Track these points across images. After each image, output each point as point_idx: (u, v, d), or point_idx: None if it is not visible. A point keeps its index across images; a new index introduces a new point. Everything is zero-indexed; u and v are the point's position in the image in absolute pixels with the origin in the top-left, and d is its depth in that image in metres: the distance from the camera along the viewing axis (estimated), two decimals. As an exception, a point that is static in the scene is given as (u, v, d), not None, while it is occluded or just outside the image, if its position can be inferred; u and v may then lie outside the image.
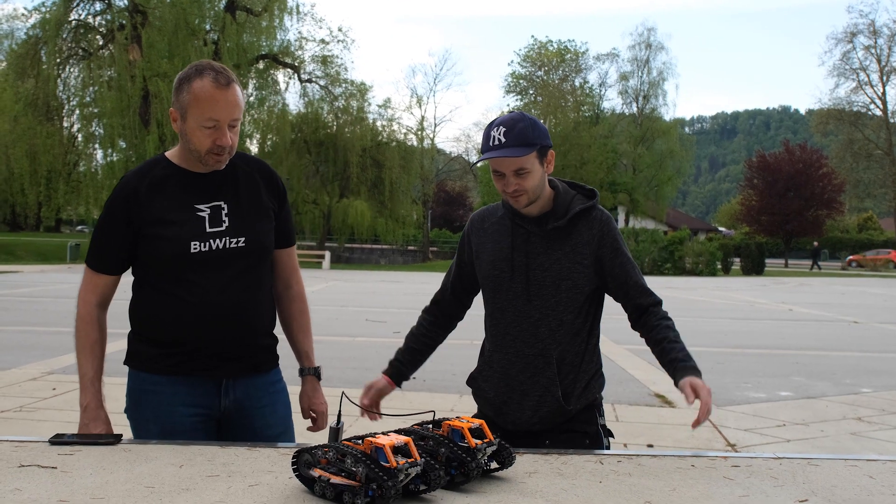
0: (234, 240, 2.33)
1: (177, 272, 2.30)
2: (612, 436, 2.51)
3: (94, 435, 2.17)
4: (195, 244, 2.29)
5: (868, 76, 56.20)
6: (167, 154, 2.42)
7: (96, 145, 37.04)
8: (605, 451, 2.20)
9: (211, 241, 2.31)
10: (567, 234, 2.42)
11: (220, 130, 2.25)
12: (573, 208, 2.43)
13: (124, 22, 35.40)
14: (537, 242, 2.42)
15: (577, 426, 2.43)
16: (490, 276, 2.48)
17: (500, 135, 2.31)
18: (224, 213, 2.35)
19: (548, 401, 2.40)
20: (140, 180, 2.34)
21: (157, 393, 2.34)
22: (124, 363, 2.41)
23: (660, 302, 2.46)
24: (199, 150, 2.28)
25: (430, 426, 1.89)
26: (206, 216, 2.32)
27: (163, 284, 2.32)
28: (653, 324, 2.41)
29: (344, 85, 44.01)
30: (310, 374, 2.60)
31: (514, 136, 2.30)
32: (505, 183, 2.35)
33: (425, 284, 24.85)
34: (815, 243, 50.41)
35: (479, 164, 3.01)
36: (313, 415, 2.60)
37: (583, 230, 2.42)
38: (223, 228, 2.33)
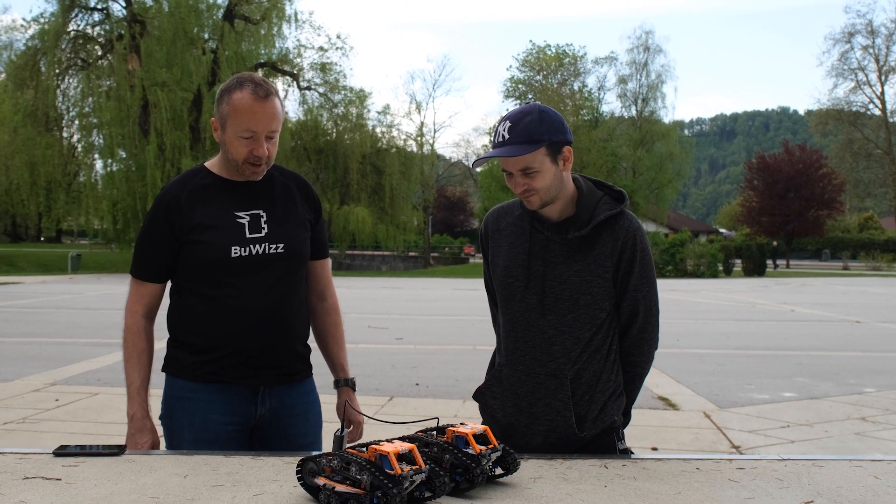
0: (274, 245, 2.38)
1: (217, 277, 2.34)
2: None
3: (98, 446, 2.17)
4: (236, 249, 2.33)
5: (866, 76, 56.26)
6: (206, 164, 2.47)
7: (96, 155, 37.09)
8: (610, 456, 2.18)
9: (251, 246, 2.35)
10: (590, 245, 2.20)
11: (256, 141, 2.30)
12: (598, 215, 2.19)
13: (123, 32, 35.43)
14: (556, 251, 2.21)
15: (595, 455, 2.21)
16: (503, 283, 2.28)
17: (504, 130, 2.12)
18: (263, 220, 2.39)
19: (559, 426, 2.20)
20: (181, 189, 2.39)
21: (192, 400, 2.36)
22: (162, 370, 2.44)
23: (651, 345, 2.31)
24: (237, 159, 2.33)
25: (435, 433, 1.89)
26: (246, 223, 2.37)
27: (203, 289, 2.35)
28: (626, 359, 2.30)
29: (343, 92, 44.14)
30: (346, 385, 2.60)
31: (519, 131, 2.10)
32: (514, 182, 2.17)
33: (427, 290, 24.83)
34: (774, 243, 50.43)
35: (481, 163, 2.65)
36: (351, 426, 2.60)
37: (606, 240, 2.20)
38: (262, 235, 2.37)
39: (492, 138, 2.20)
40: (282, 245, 2.38)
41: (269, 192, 2.44)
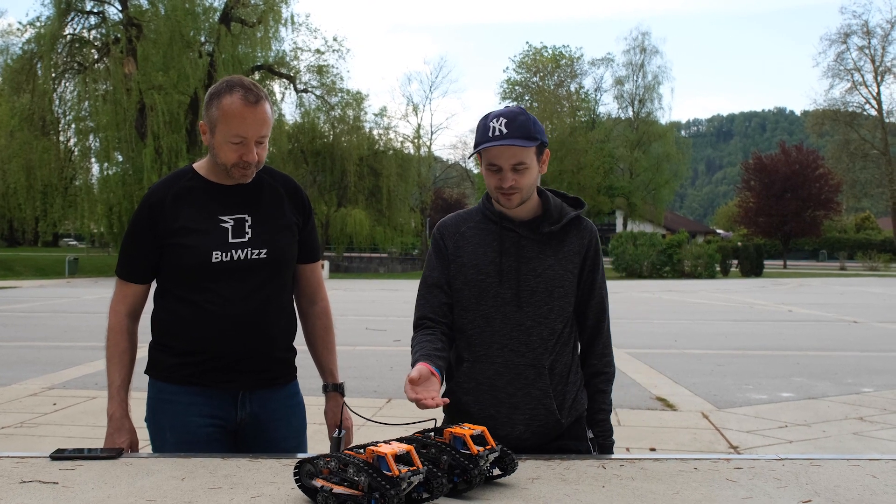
0: (256, 251, 2.36)
1: (198, 281, 2.33)
2: (597, 450, 2.39)
3: (95, 449, 2.16)
4: (217, 254, 2.32)
5: (862, 76, 56.27)
6: (194, 166, 2.45)
7: (93, 159, 36.99)
8: (608, 456, 2.18)
9: (233, 251, 2.34)
10: (560, 241, 2.35)
11: (246, 146, 2.29)
12: (566, 214, 2.37)
13: (119, 35, 35.38)
14: (529, 247, 2.33)
15: (569, 442, 2.34)
16: (474, 281, 2.33)
17: (501, 126, 2.21)
18: (248, 224, 2.37)
19: (541, 414, 2.29)
20: (166, 191, 2.38)
21: (173, 403, 2.36)
22: (145, 372, 2.43)
23: (608, 349, 2.45)
24: (226, 164, 2.32)
25: (432, 434, 1.89)
26: (230, 227, 2.36)
27: (184, 293, 2.35)
28: (592, 371, 2.43)
29: (340, 94, 44.09)
30: (333, 390, 2.59)
31: (517, 127, 2.20)
32: (501, 178, 2.24)
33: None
34: (739, 243, 50.61)
35: (472, 157, 3.37)
36: (344, 431, 2.59)
37: (574, 238, 2.37)
38: (245, 240, 2.36)
39: (480, 134, 2.25)
40: (265, 251, 2.37)
41: (256, 196, 2.42)
